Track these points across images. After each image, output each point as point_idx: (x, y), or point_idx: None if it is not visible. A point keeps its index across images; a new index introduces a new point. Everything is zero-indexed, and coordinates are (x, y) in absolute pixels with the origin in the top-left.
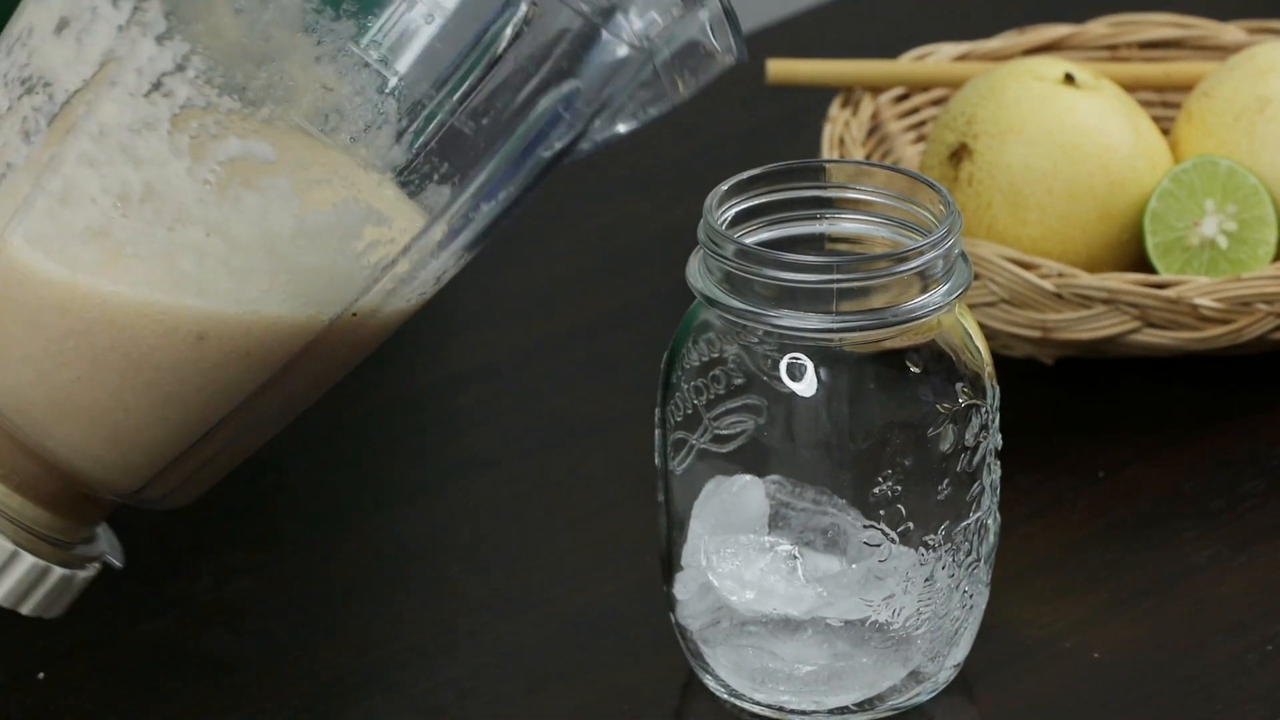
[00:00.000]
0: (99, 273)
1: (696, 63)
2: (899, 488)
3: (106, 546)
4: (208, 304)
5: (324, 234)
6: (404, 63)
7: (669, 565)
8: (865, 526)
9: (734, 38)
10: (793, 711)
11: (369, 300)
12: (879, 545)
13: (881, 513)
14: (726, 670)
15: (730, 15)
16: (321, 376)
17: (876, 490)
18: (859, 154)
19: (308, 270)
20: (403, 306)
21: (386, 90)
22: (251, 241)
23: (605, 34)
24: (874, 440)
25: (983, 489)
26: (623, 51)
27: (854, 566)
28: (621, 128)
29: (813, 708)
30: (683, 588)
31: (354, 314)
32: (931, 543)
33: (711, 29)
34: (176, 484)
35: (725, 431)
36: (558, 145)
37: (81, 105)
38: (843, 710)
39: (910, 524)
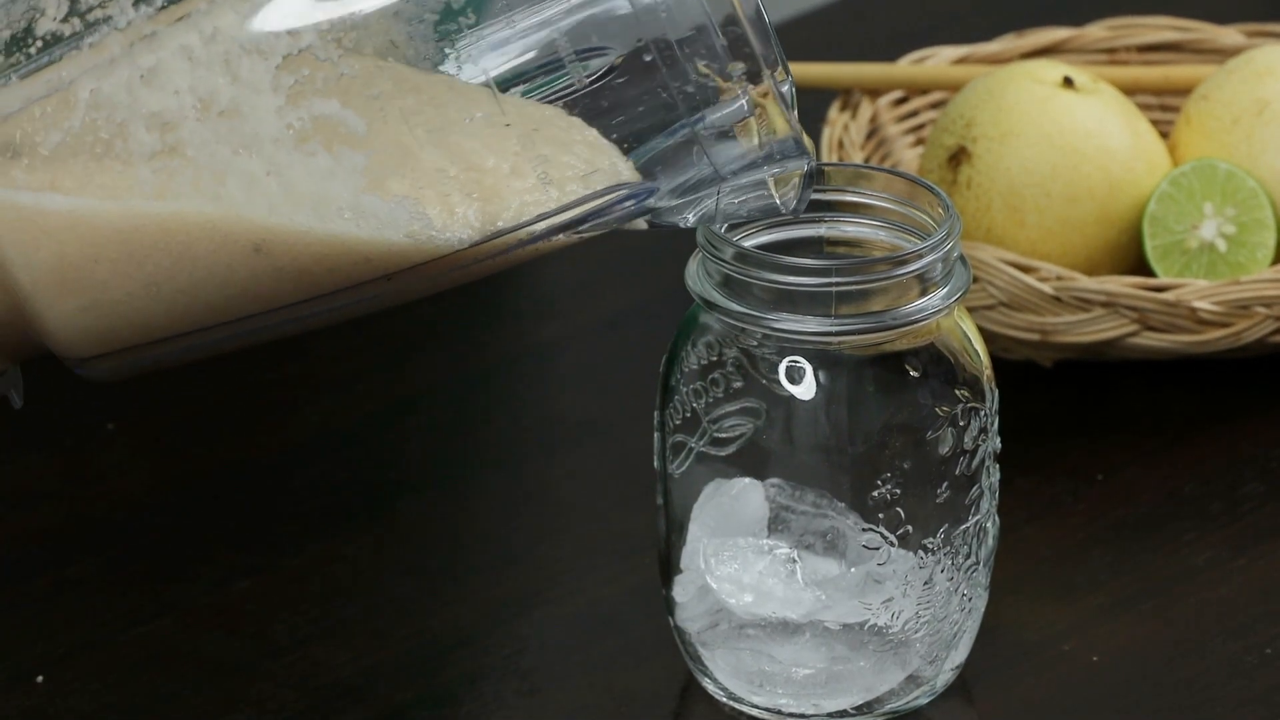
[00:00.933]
0: (151, 161)
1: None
2: (898, 491)
3: (12, 383)
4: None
5: (371, 217)
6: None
7: (667, 568)
8: (864, 529)
9: (802, 193)
10: (791, 715)
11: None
12: (878, 548)
13: (880, 516)
14: (725, 673)
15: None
16: (354, 308)
17: (875, 493)
18: (858, 157)
19: (343, 237)
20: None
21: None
22: (303, 195)
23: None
24: (873, 443)
25: (981, 492)
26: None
27: (853, 570)
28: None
29: (811, 711)
30: (681, 590)
31: (388, 278)
32: (930, 546)
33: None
34: (130, 363)
35: (724, 434)
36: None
37: (204, 1)
38: (841, 714)
39: (909, 527)
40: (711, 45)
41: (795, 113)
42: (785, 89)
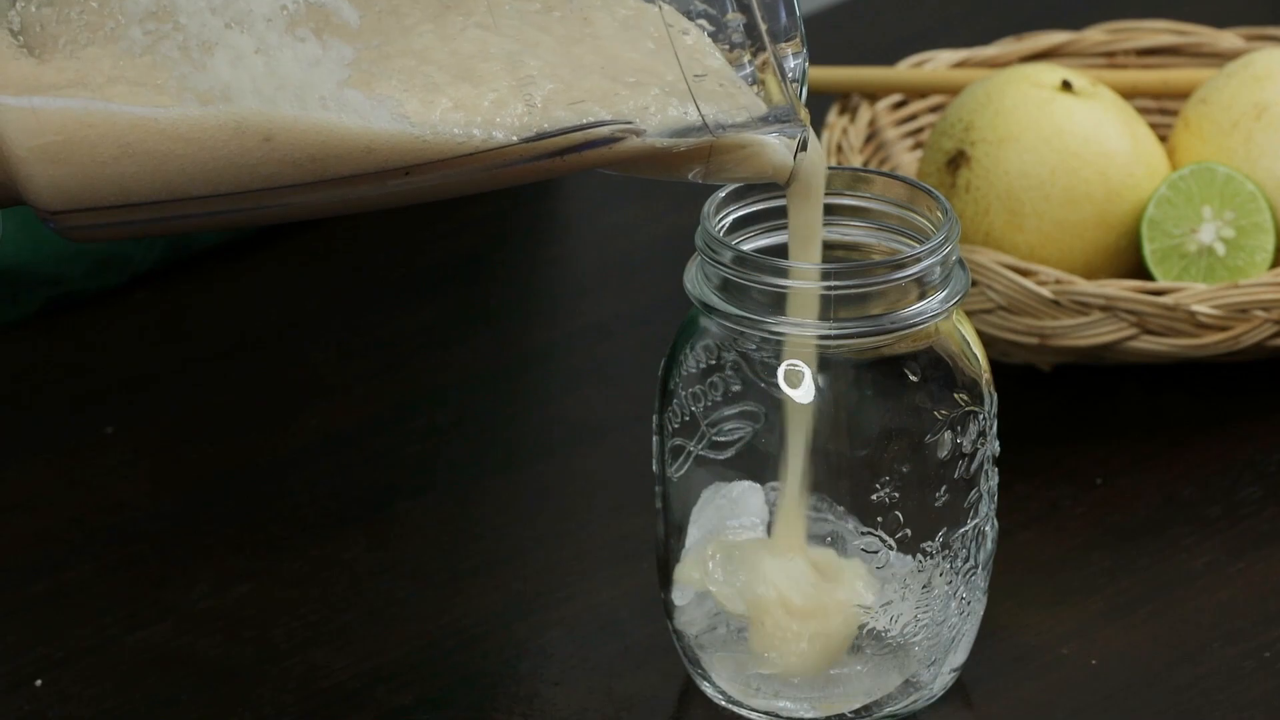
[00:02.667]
0: (143, 23)
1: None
2: (896, 494)
3: None
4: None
5: (350, 109)
6: None
7: (666, 571)
8: (863, 533)
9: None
10: (789, 719)
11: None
12: (876, 552)
13: (879, 519)
14: (723, 677)
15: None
16: (337, 204)
17: (874, 497)
18: (857, 160)
19: (314, 125)
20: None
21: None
22: (285, 80)
23: None
24: (871, 447)
25: (980, 496)
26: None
27: None
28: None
29: (809, 714)
30: (680, 594)
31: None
32: (929, 549)
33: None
34: (105, 225)
35: (723, 438)
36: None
37: None
38: (839, 717)
39: (908, 531)
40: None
41: (805, 88)
42: (795, 62)
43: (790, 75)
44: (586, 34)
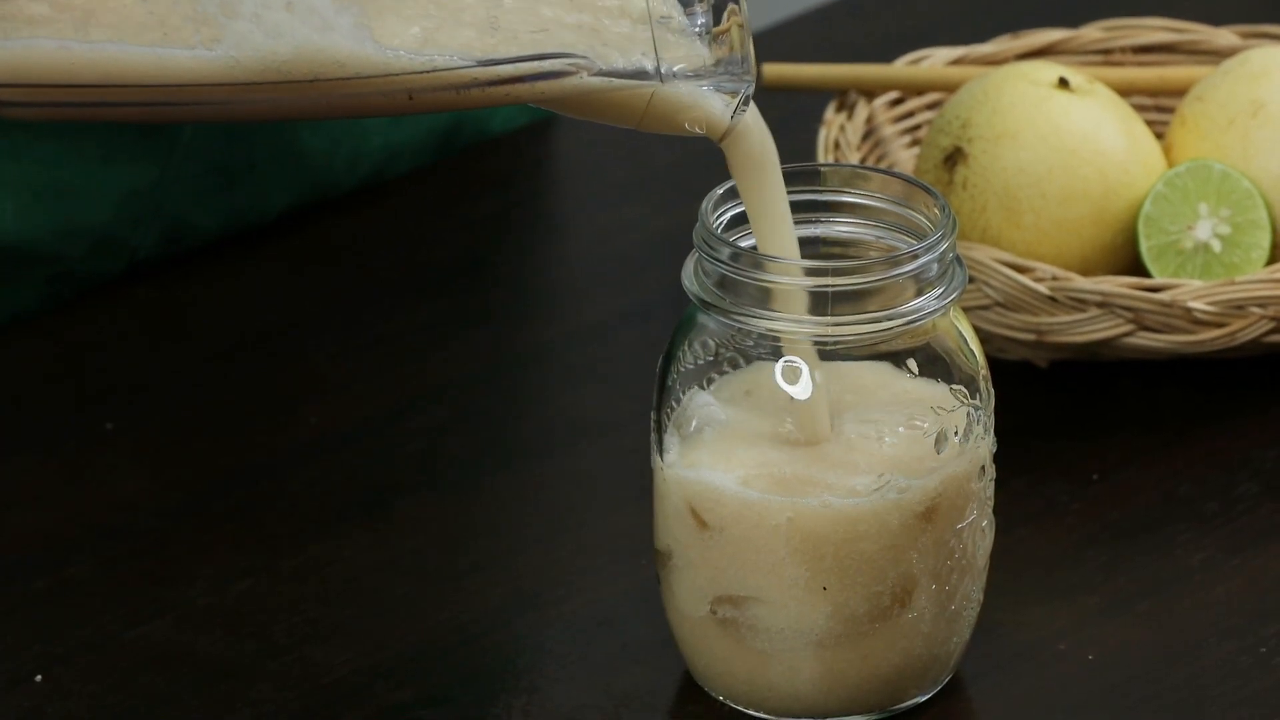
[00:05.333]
0: None
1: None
2: None
3: None
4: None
5: (308, 13)
6: None
7: (665, 576)
8: None
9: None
10: (789, 714)
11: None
12: None
13: None
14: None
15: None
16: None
17: None
18: (854, 158)
19: (262, 25)
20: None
21: None
22: None
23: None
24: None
25: (977, 491)
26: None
27: None
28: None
29: (809, 710)
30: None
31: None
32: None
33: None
34: (37, 106)
35: None
36: None
37: None
38: (837, 713)
39: None
40: None
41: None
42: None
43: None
44: None
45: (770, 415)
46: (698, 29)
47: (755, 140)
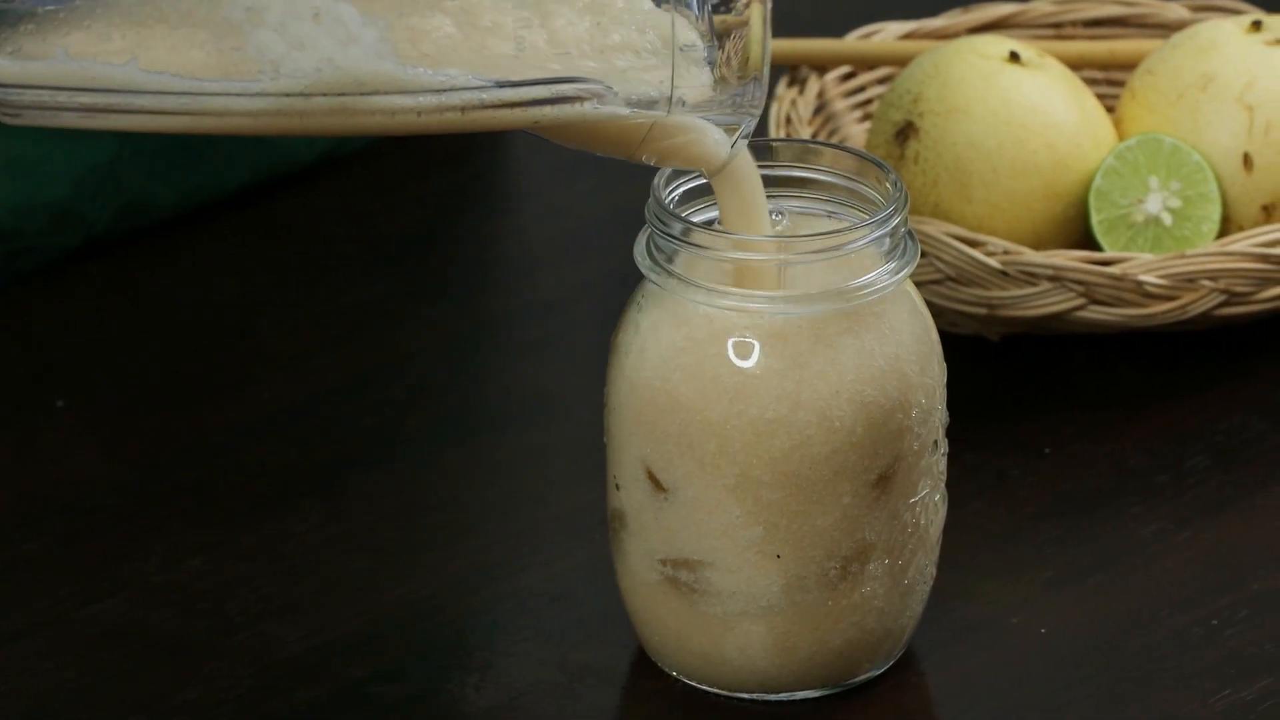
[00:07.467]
0: None
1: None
2: None
3: None
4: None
5: (334, 25)
6: None
7: (618, 541)
8: None
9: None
10: (742, 689)
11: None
12: None
13: None
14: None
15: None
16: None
17: None
18: (806, 133)
19: (287, 35)
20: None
21: None
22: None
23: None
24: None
25: (929, 465)
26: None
27: None
28: None
29: (769, 697)
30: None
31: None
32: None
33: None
34: (42, 110)
35: None
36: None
37: None
38: (797, 701)
39: None
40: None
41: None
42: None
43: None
44: None
45: None
46: (710, 59)
47: (745, 180)
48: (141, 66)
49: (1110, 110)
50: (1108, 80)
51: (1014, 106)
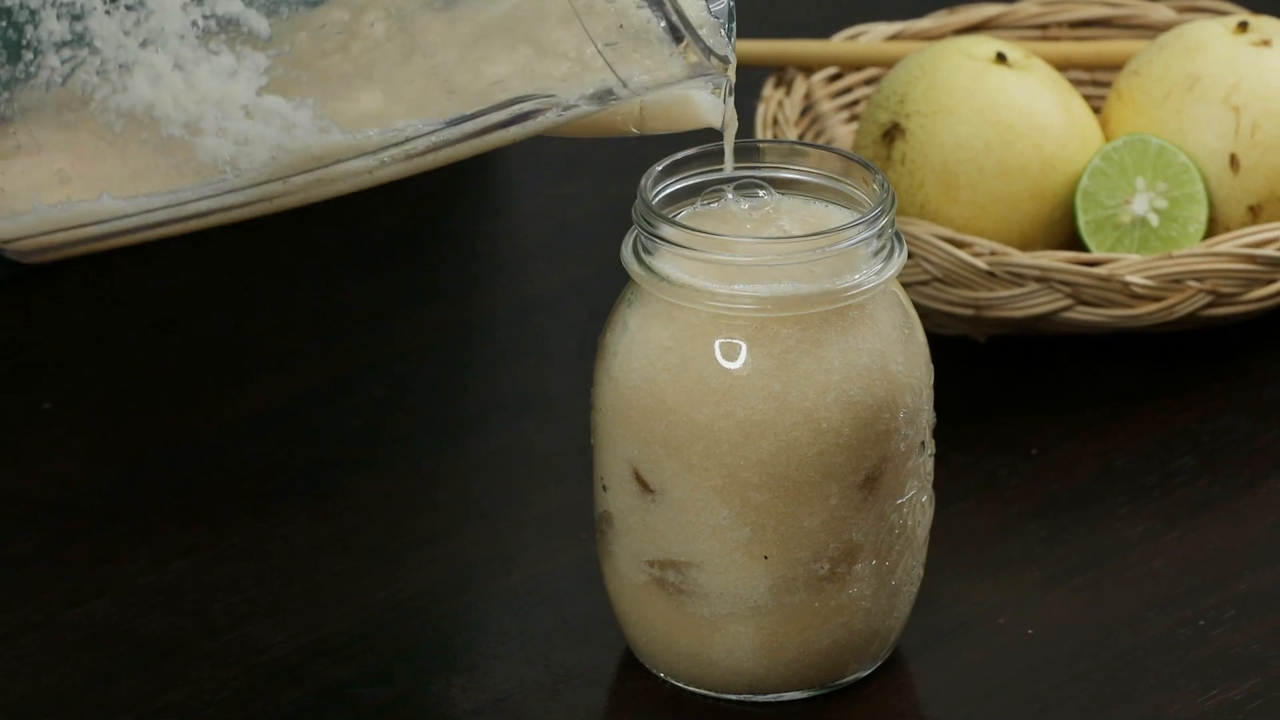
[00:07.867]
0: (60, 51)
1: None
2: None
3: None
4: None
5: (268, 116)
6: None
7: (605, 543)
8: None
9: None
10: (729, 690)
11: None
12: None
13: None
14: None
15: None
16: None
17: None
18: (792, 134)
19: (230, 136)
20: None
21: None
22: (206, 94)
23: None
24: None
25: (916, 467)
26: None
27: None
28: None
29: (756, 698)
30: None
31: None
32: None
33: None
34: (51, 249)
35: None
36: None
37: None
38: (782, 703)
39: None
40: None
41: (733, 23)
42: (720, 6)
43: (717, 16)
44: (495, 8)
45: None
46: (659, 35)
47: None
48: (114, 196)
49: (1097, 111)
50: (1094, 81)
51: (1000, 108)
